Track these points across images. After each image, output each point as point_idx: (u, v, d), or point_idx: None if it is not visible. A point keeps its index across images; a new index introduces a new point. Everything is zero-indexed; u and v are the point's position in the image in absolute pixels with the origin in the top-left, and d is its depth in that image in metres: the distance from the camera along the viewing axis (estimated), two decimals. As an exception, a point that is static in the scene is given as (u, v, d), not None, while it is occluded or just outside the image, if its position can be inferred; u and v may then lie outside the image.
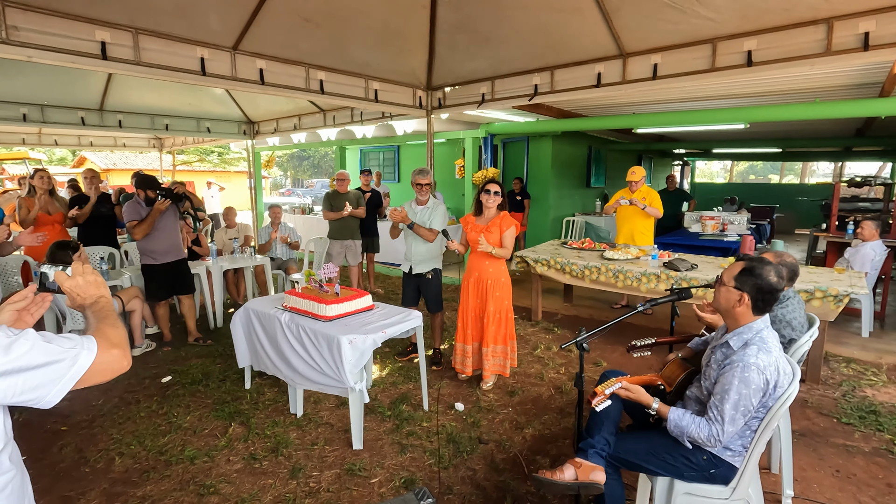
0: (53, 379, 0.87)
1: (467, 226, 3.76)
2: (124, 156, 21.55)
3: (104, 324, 1.06)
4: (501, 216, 3.65)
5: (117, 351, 0.98)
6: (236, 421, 3.21)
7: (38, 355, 0.86)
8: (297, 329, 3.04)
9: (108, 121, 7.26)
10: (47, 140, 9.55)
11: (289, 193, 26.78)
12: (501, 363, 3.75)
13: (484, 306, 3.70)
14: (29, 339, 0.86)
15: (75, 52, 3.34)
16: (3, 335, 0.85)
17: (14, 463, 0.97)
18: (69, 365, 0.89)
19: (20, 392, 0.84)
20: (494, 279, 3.67)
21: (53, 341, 0.90)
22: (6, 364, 0.82)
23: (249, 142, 9.00)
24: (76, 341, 0.93)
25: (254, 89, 4.31)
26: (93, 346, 0.93)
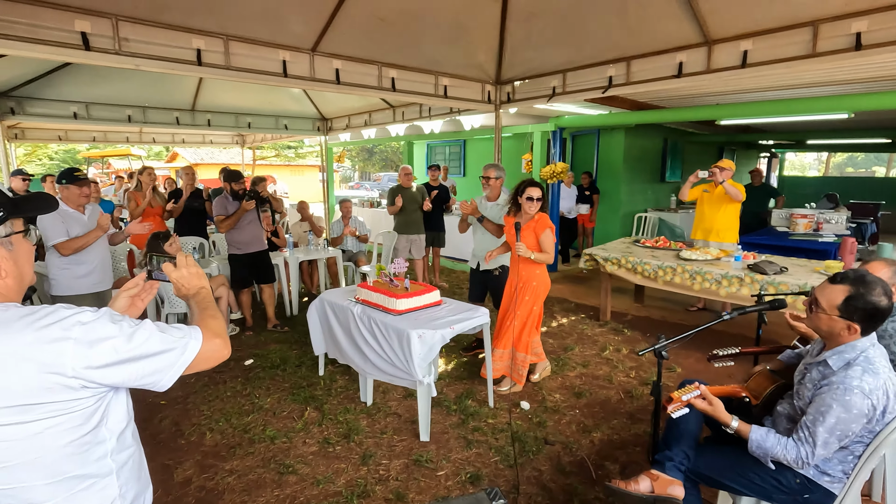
0: (167, 365, 0.97)
1: (508, 225, 3.61)
2: (211, 151, 23.26)
3: (206, 314, 1.16)
4: (536, 219, 3.47)
5: (219, 341, 1.07)
6: (311, 406, 3.40)
7: (155, 343, 0.95)
8: (368, 321, 3.16)
9: (199, 120, 7.86)
10: (146, 138, 10.50)
11: (357, 187, 27.69)
12: (507, 367, 3.60)
13: (514, 309, 3.53)
14: (147, 329, 0.96)
15: (175, 60, 3.64)
16: (127, 325, 0.95)
17: (134, 439, 1.09)
18: (180, 353, 0.98)
19: (140, 377, 0.95)
20: (525, 282, 3.50)
21: (167, 331, 0.99)
22: (130, 351, 0.92)
23: (322, 137, 9.39)
24: (185, 331, 1.02)
25: (330, 88, 4.49)
26: (199, 336, 1.03)
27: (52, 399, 0.86)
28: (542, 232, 3.43)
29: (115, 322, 0.92)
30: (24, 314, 0.87)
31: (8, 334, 0.84)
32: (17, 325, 0.85)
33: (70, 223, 3.34)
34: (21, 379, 0.83)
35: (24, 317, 0.86)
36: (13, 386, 0.83)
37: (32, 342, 0.84)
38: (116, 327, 0.92)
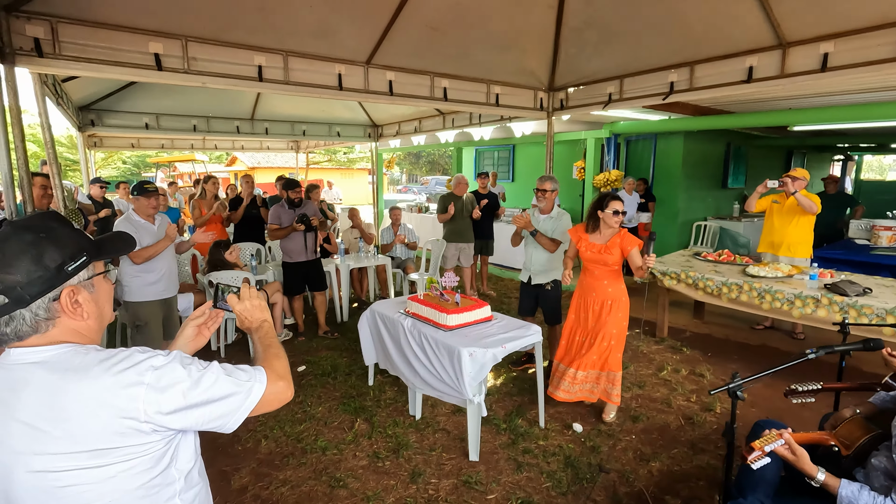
0: (232, 410, 0.97)
1: (580, 242, 3.42)
2: (267, 156, 24.25)
3: (270, 353, 1.15)
4: (622, 234, 3.30)
5: (283, 383, 1.06)
6: (361, 417, 3.43)
7: (221, 388, 0.96)
8: (419, 335, 3.15)
9: (257, 129, 8.19)
10: (209, 145, 11.09)
11: (405, 190, 28.08)
12: (590, 389, 3.43)
13: (597, 328, 3.37)
14: (214, 372, 0.97)
15: (238, 77, 3.79)
16: (196, 369, 0.95)
17: (201, 476, 1.10)
18: (244, 397, 0.98)
19: (206, 421, 0.95)
20: (615, 299, 3.35)
21: (233, 374, 0.99)
22: (197, 396, 0.93)
23: (373, 144, 9.55)
24: (250, 374, 1.02)
25: (383, 100, 4.54)
26: (263, 379, 1.02)
27: (126, 443, 0.88)
28: (630, 248, 3.22)
29: (184, 366, 0.94)
30: (102, 358, 0.89)
31: (88, 379, 0.86)
32: (96, 369, 0.87)
33: (141, 233, 3.54)
34: (100, 423, 0.85)
35: (103, 361, 0.89)
36: (92, 430, 0.85)
37: (110, 387, 0.86)
38: (185, 372, 0.93)
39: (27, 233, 0.90)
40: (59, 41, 3.16)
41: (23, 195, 3.18)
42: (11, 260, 0.87)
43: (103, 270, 1.02)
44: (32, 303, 0.88)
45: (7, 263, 0.87)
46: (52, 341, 0.92)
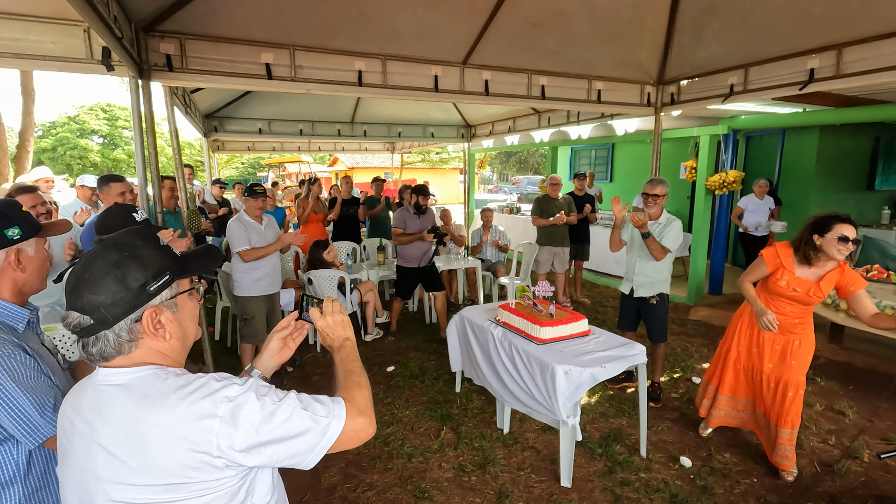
0: (307, 449, 0.90)
1: (779, 272, 2.68)
2: (365, 156, 25.43)
3: (351, 381, 1.07)
4: (842, 270, 2.56)
5: (363, 420, 0.97)
6: (447, 425, 3.36)
7: (296, 423, 0.89)
8: (509, 347, 3.00)
9: (357, 131, 8.53)
10: (314, 147, 11.81)
11: (496, 190, 27.89)
12: (747, 420, 3.04)
13: (779, 374, 2.76)
14: (289, 405, 0.90)
15: (339, 83, 3.90)
16: (270, 401, 0.89)
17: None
18: (320, 435, 0.91)
19: (281, 459, 0.89)
20: (804, 337, 2.73)
21: (309, 407, 0.92)
22: (270, 433, 0.87)
23: (466, 144, 9.52)
24: (328, 408, 0.94)
25: (478, 100, 4.44)
26: (342, 414, 0.94)
27: (200, 478, 0.84)
28: (858, 289, 2.53)
29: (259, 398, 0.88)
30: (179, 385, 0.86)
31: (164, 408, 0.83)
32: (172, 398, 0.84)
33: (250, 231, 3.78)
34: (173, 456, 0.82)
35: (179, 389, 0.85)
36: (166, 463, 0.82)
37: (185, 418, 0.83)
38: (259, 404, 0.87)
39: (113, 251, 0.89)
40: (186, 56, 3.45)
41: (152, 196, 3.53)
42: (97, 280, 0.86)
43: (188, 288, 0.98)
44: (115, 324, 0.87)
45: (93, 283, 0.86)
46: (135, 363, 0.90)
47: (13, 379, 1.09)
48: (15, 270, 1.22)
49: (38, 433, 1.11)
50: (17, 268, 1.22)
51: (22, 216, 1.24)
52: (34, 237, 1.25)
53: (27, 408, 1.09)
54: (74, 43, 3.06)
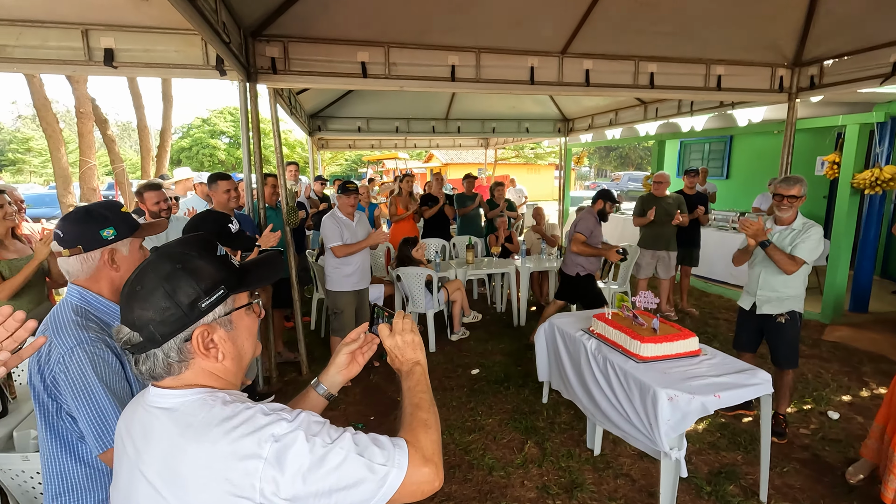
0: (361, 501, 0.78)
1: None
2: (459, 153, 25.63)
3: (417, 419, 0.93)
4: None
5: (428, 470, 0.84)
6: (532, 439, 3.16)
7: (349, 471, 0.78)
8: (603, 362, 2.72)
9: (451, 128, 8.52)
10: (409, 144, 12.10)
11: (594, 187, 26.60)
12: None
13: None
14: (343, 448, 0.79)
15: (432, 78, 3.84)
16: (321, 442, 0.78)
17: None
18: (376, 487, 0.79)
19: None
20: None
21: (366, 451, 0.80)
22: (319, 481, 0.76)
23: (563, 139, 9.10)
24: (388, 453, 0.82)
25: (577, 92, 4.14)
26: (403, 462, 0.82)
27: None
28: None
29: (308, 438, 0.77)
30: (224, 417, 0.78)
31: (206, 442, 0.75)
32: (216, 431, 0.76)
33: (342, 228, 3.86)
34: (211, 499, 0.74)
35: (224, 421, 0.77)
36: None
37: (227, 456, 0.74)
38: (308, 446, 0.76)
39: (166, 262, 0.83)
40: (289, 58, 3.60)
41: (256, 193, 3.74)
42: (147, 294, 0.81)
43: (246, 303, 0.90)
44: (164, 343, 0.81)
45: (143, 297, 0.81)
46: (185, 384, 0.84)
47: (98, 377, 1.11)
48: (110, 269, 1.26)
49: (107, 438, 1.10)
50: (112, 267, 1.26)
51: (118, 217, 1.28)
52: (129, 237, 1.28)
53: (106, 408, 1.10)
54: (194, 51, 3.30)
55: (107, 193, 14.36)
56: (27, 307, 2.67)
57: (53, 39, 3.11)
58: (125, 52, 3.20)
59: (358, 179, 14.19)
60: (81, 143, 9.86)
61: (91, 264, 1.24)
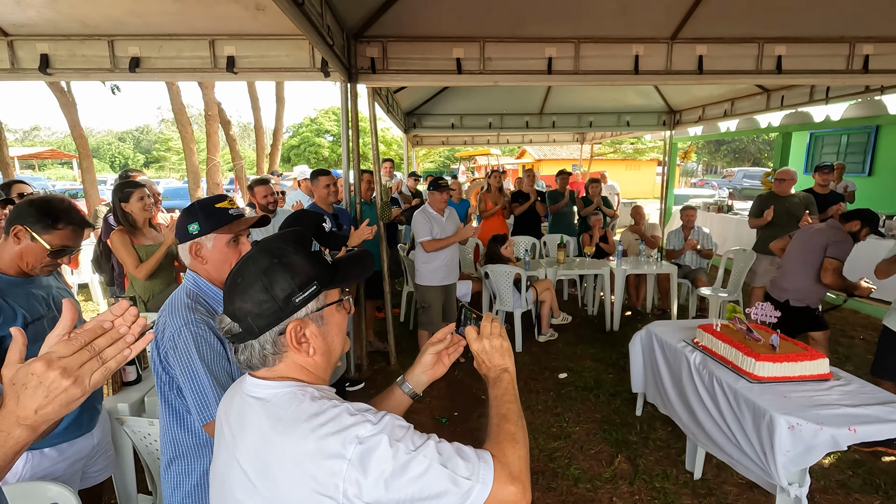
0: None
1: None
2: (553, 148, 24.94)
3: (505, 433, 0.88)
4: None
5: (515, 489, 0.79)
6: (623, 453, 2.97)
7: (431, 481, 0.75)
8: (709, 378, 2.47)
9: (545, 123, 8.29)
10: (502, 140, 12.01)
11: (701, 184, 24.40)
12: None
13: None
14: (427, 457, 0.77)
15: (527, 72, 3.73)
16: (405, 448, 0.76)
17: None
18: (459, 501, 0.75)
19: None
20: None
21: (449, 462, 0.77)
22: (401, 489, 0.74)
23: (667, 133, 8.45)
24: (472, 467, 0.78)
25: (688, 80, 3.80)
26: (488, 478, 0.78)
27: None
28: None
29: (392, 443, 0.76)
30: (313, 413, 0.79)
31: (294, 437, 0.77)
32: (304, 427, 0.77)
33: (433, 223, 3.91)
34: (297, 495, 0.75)
35: (312, 417, 0.78)
36: (289, 500, 0.76)
37: (313, 454, 0.75)
38: (392, 451, 0.75)
39: (264, 257, 0.86)
40: (387, 58, 3.70)
41: (353, 188, 3.91)
42: (246, 287, 0.84)
43: (337, 300, 0.91)
44: (260, 335, 0.84)
45: (243, 290, 0.84)
46: (278, 376, 0.86)
47: (199, 356, 1.21)
48: (197, 261, 1.37)
49: (206, 412, 1.20)
50: (198, 259, 1.36)
51: (204, 213, 1.36)
52: (211, 233, 1.36)
53: (205, 385, 1.20)
54: (302, 55, 3.52)
55: (228, 188, 15.99)
56: (159, 287, 3.04)
57: (187, 50, 3.49)
58: (244, 58, 3.50)
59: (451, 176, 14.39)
60: (208, 143, 11.07)
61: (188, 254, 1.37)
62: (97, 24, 3.34)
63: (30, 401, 0.65)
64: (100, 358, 0.68)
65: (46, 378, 0.65)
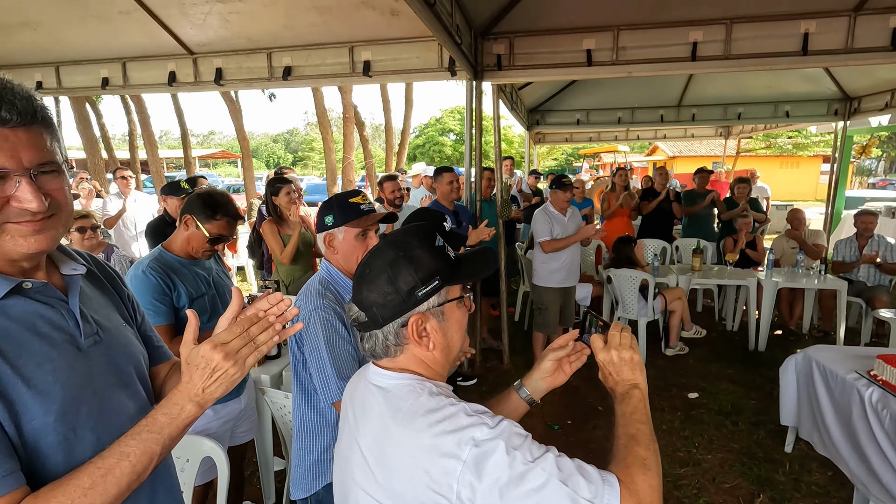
0: None
1: None
2: (690, 144, 22.74)
3: (634, 456, 0.79)
4: None
5: None
6: (767, 493, 2.58)
7: (551, 497, 0.69)
8: (891, 422, 2.03)
9: (683, 116, 7.57)
10: (631, 136, 11.24)
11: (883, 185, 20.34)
12: None
13: None
14: (545, 470, 0.71)
15: (666, 60, 3.42)
16: (522, 458, 0.71)
17: None
18: None
19: None
20: None
21: (570, 479, 0.71)
22: (517, 500, 0.69)
23: (839, 123, 7.16)
24: (595, 489, 0.71)
25: (876, 60, 3.16)
26: (614, 499, 0.71)
27: None
28: None
29: (509, 451, 0.72)
30: (428, 409, 0.78)
31: (411, 430, 0.77)
32: (420, 422, 0.77)
33: (553, 223, 3.78)
34: (412, 488, 0.75)
35: (429, 413, 0.78)
36: (405, 493, 0.76)
37: (428, 450, 0.74)
38: (508, 459, 0.71)
39: (390, 250, 0.87)
40: (513, 54, 3.66)
41: (474, 185, 3.94)
42: (373, 278, 0.86)
43: (458, 296, 0.90)
44: (384, 326, 0.86)
45: (370, 281, 0.86)
46: (398, 367, 0.88)
47: (325, 339, 1.30)
48: (329, 251, 1.47)
49: (330, 392, 1.29)
50: (331, 249, 1.46)
51: (339, 207, 1.45)
52: (343, 226, 1.45)
53: (328, 367, 1.29)
54: (431, 56, 3.63)
55: (360, 184, 17.29)
56: (298, 273, 3.37)
57: (330, 57, 3.81)
58: (378, 62, 3.71)
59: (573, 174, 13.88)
60: (345, 143, 12.06)
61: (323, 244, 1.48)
62: (259, 39, 3.80)
63: (199, 380, 0.75)
64: (254, 343, 0.77)
65: (212, 360, 0.74)
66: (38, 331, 0.75)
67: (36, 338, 0.74)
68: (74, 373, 0.77)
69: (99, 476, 0.70)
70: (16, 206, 0.70)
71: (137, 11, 3.46)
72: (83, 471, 0.70)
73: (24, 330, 0.74)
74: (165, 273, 1.75)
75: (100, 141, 11.82)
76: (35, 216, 0.71)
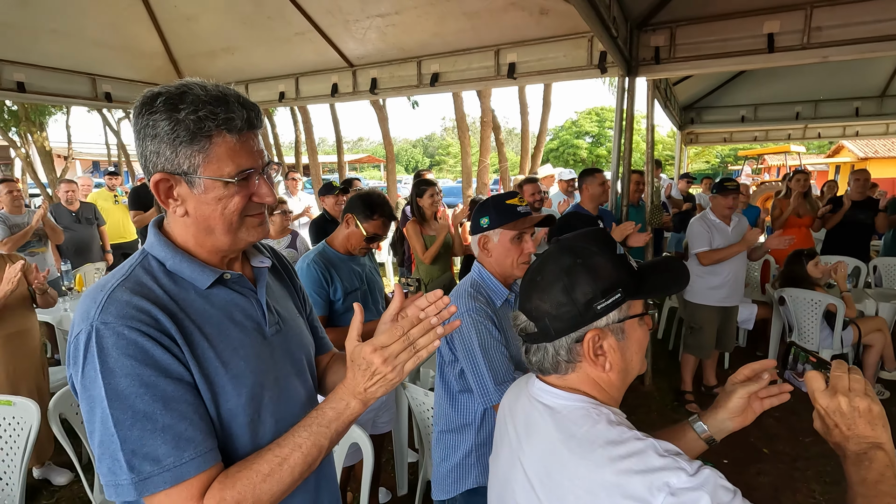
0: None
1: None
2: (889, 142, 18.73)
3: None
4: None
5: None
6: None
7: None
8: None
9: (888, 108, 6.22)
10: (810, 134, 9.57)
11: None
12: None
13: None
14: None
15: (877, 39, 2.81)
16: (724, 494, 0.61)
17: None
18: None
19: None
20: None
21: None
22: None
23: None
24: None
25: None
26: None
27: None
28: None
29: None
30: (610, 439, 0.69)
31: (587, 462, 0.68)
32: (600, 454, 0.68)
33: (713, 233, 3.35)
34: None
35: (609, 445, 0.68)
36: None
37: (611, 487, 0.65)
38: None
39: (566, 255, 0.79)
40: (674, 45, 3.33)
41: (622, 189, 3.67)
42: (546, 286, 0.78)
43: (640, 313, 0.79)
44: (556, 339, 0.78)
45: (542, 289, 0.79)
46: (568, 387, 0.79)
47: (479, 342, 1.27)
48: (482, 253, 1.43)
49: (488, 396, 1.26)
50: (484, 251, 1.43)
51: (497, 208, 1.41)
52: (499, 228, 1.40)
53: (483, 370, 1.26)
54: (580, 53, 3.47)
55: (493, 188, 17.45)
56: (437, 273, 3.47)
57: (475, 62, 3.85)
58: (523, 63, 3.65)
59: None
60: (481, 147, 12.25)
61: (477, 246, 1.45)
62: (410, 48, 4.00)
63: (360, 379, 0.76)
64: (413, 347, 0.75)
65: (372, 364, 0.74)
66: (234, 318, 0.82)
67: (232, 325, 0.81)
68: (260, 359, 0.83)
69: (276, 464, 0.73)
70: (256, 200, 0.79)
71: (310, 31, 3.89)
72: (262, 457, 0.74)
73: (223, 317, 0.81)
74: (326, 268, 1.90)
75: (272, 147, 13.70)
76: (262, 208, 0.80)
